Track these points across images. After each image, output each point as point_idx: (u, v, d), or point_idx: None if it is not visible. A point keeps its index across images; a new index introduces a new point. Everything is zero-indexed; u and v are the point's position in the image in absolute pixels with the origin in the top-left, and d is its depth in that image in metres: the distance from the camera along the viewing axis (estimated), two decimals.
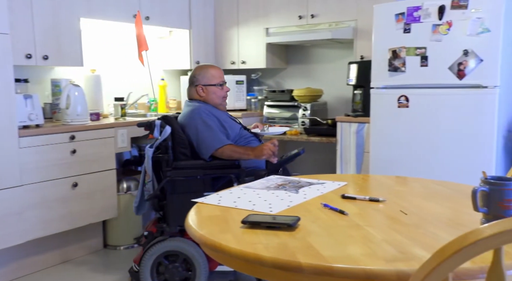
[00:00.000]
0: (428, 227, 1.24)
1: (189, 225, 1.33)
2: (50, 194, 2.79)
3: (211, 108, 2.53)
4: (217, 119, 2.48)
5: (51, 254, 2.94)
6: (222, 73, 2.62)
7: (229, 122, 2.54)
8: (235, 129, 2.54)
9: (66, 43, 3.07)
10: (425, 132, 2.80)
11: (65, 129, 2.85)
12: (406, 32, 2.80)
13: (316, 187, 1.72)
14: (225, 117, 2.56)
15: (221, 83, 2.58)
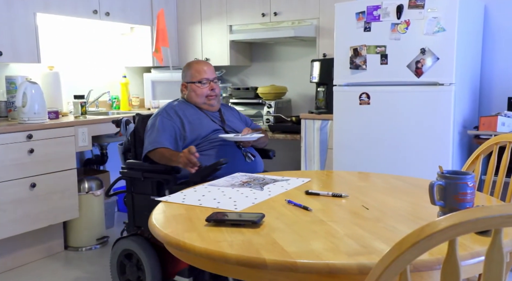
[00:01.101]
0: (389, 221, 1.28)
1: (153, 224, 1.31)
2: (6, 196, 2.68)
3: (186, 107, 2.38)
4: (179, 120, 2.31)
5: (8, 259, 2.83)
6: (207, 70, 2.42)
7: (198, 124, 2.31)
8: (202, 132, 2.29)
9: (22, 39, 2.96)
10: (385, 128, 2.87)
11: (22, 128, 2.75)
12: (366, 30, 2.86)
13: (281, 183, 1.73)
14: (196, 118, 2.34)
15: (201, 81, 2.39)
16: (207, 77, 2.41)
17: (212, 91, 2.40)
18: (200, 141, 2.27)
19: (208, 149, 2.26)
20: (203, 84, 2.40)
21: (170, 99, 2.62)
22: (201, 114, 2.39)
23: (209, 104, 2.42)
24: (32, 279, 2.70)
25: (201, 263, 1.18)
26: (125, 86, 4.02)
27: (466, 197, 1.20)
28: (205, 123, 2.34)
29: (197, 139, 2.27)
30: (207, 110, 2.41)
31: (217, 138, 2.27)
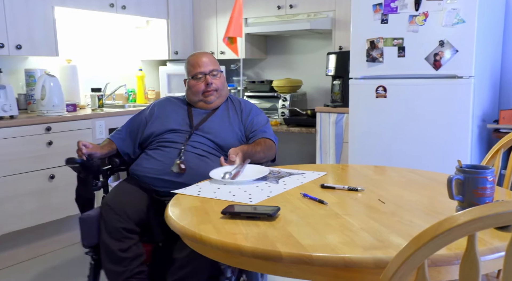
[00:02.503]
0: (405, 215, 1.27)
1: (169, 216, 1.32)
2: (26, 187, 2.73)
3: (171, 103, 2.17)
4: (150, 116, 2.12)
5: (26, 248, 2.89)
6: (203, 62, 2.10)
7: (161, 121, 2.07)
8: (157, 130, 2.04)
9: (40, 33, 3.00)
10: (402, 122, 2.84)
11: (41, 121, 2.79)
12: (383, 22, 2.82)
13: (296, 177, 1.73)
14: (167, 115, 2.10)
15: (195, 76, 2.10)
16: (201, 70, 2.09)
17: (208, 85, 2.08)
18: (152, 139, 2.04)
19: (153, 149, 2.01)
20: (199, 79, 2.09)
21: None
22: (180, 111, 2.11)
23: (205, 101, 2.10)
24: (51, 269, 2.76)
25: (216, 255, 1.18)
26: (141, 79, 4.05)
27: (486, 192, 1.18)
28: (171, 121, 2.07)
29: (150, 137, 2.05)
30: (202, 108, 2.11)
31: (169, 138, 2.00)
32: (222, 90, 2.14)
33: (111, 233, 1.80)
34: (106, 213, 1.83)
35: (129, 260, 1.79)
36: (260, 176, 1.65)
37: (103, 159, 2.08)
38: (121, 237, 1.80)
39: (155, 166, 1.93)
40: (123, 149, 2.12)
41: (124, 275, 1.78)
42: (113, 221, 1.80)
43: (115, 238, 1.79)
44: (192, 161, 1.90)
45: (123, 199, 1.88)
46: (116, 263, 1.79)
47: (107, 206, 1.84)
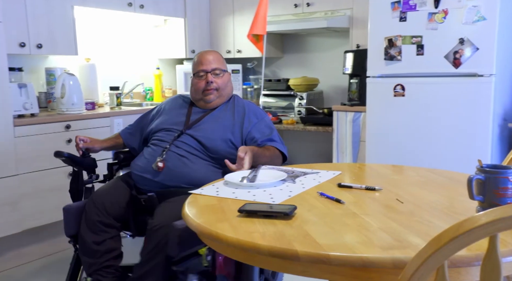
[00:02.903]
0: (424, 215, 1.25)
1: (186, 214, 1.33)
2: (46, 184, 2.78)
3: (178, 101, 2.17)
4: (157, 110, 2.16)
5: (47, 244, 2.94)
6: (206, 60, 2.05)
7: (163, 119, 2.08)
8: (155, 128, 2.06)
9: (60, 32, 3.04)
10: (421, 120, 2.80)
11: (61, 118, 2.84)
12: (402, 20, 2.79)
13: (312, 176, 1.72)
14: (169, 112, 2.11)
15: (197, 73, 2.07)
16: (203, 68, 2.04)
17: (208, 84, 2.02)
18: (150, 136, 2.07)
19: (147, 146, 2.03)
20: (200, 77, 2.05)
21: None
22: (182, 109, 2.10)
23: (205, 100, 2.05)
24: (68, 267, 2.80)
25: (233, 253, 1.19)
26: (158, 78, 4.08)
27: (507, 192, 1.15)
28: (169, 119, 2.07)
29: (149, 134, 2.08)
30: (201, 107, 2.08)
31: (160, 137, 2.00)
32: (224, 90, 2.07)
33: (88, 225, 1.86)
34: (88, 206, 1.90)
35: (100, 253, 1.84)
36: (281, 179, 1.63)
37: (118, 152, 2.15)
38: (98, 230, 1.85)
39: (140, 163, 1.96)
40: (129, 143, 2.17)
41: (93, 267, 1.83)
42: (92, 214, 1.87)
43: (92, 230, 1.86)
44: (171, 161, 1.90)
45: (105, 194, 1.94)
46: (88, 254, 1.85)
47: (90, 200, 1.92)
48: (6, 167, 2.58)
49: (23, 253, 2.81)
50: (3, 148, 2.56)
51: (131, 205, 1.92)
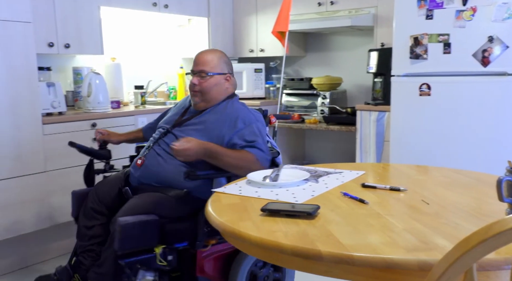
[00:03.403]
0: (450, 217, 1.23)
1: (209, 212, 1.34)
2: (72, 181, 2.84)
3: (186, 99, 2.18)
4: (170, 108, 2.26)
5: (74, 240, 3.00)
6: (198, 59, 2.03)
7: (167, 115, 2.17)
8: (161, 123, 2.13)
9: (87, 32, 3.10)
10: (447, 120, 2.75)
11: (87, 117, 2.90)
12: (428, 18, 2.74)
13: (335, 176, 1.71)
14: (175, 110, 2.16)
15: (188, 73, 2.13)
16: (193, 68, 2.03)
17: (192, 85, 2.00)
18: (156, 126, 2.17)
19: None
20: (191, 76, 2.04)
21: None
22: (181, 108, 2.12)
23: (192, 101, 2.05)
24: None
25: (256, 252, 1.19)
26: (182, 77, 4.12)
27: None
28: (168, 117, 2.12)
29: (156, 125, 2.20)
30: (193, 107, 2.06)
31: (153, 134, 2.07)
32: (207, 94, 2.00)
33: (84, 210, 2.04)
34: (89, 193, 2.07)
35: (87, 237, 1.98)
36: (304, 178, 1.62)
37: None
38: (89, 215, 2.01)
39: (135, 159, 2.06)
40: (147, 137, 2.27)
41: (80, 249, 2.00)
42: (89, 200, 2.04)
43: (85, 215, 2.02)
44: (149, 159, 1.95)
45: (104, 183, 2.09)
46: (78, 237, 2.04)
47: (93, 188, 2.10)
48: (35, 164, 2.65)
49: (51, 248, 2.88)
50: (32, 145, 2.63)
51: (120, 196, 2.01)
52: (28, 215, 2.64)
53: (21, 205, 2.60)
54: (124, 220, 1.72)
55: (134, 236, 1.72)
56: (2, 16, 2.46)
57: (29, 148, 2.61)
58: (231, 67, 2.09)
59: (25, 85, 2.58)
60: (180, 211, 1.86)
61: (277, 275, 2.11)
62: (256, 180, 1.62)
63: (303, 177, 1.64)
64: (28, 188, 2.62)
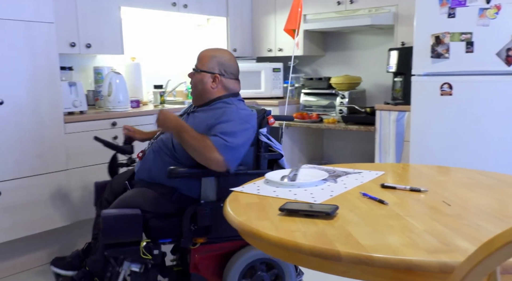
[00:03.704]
0: (472, 218, 1.20)
1: (227, 211, 1.35)
2: (93, 179, 2.88)
3: None
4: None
5: None
6: (198, 55, 2.11)
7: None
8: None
9: (108, 32, 3.15)
10: (469, 120, 2.70)
11: (107, 116, 2.94)
12: (450, 16, 2.69)
13: (354, 176, 1.69)
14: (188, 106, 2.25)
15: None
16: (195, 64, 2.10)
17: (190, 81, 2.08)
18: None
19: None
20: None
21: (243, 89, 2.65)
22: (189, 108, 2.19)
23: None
24: None
25: (274, 252, 1.19)
26: None
27: None
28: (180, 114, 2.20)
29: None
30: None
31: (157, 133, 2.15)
32: (193, 90, 2.05)
33: (100, 200, 2.22)
34: (107, 184, 2.25)
35: (98, 226, 2.10)
36: (322, 178, 1.62)
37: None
38: (102, 205, 2.16)
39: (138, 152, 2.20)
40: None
41: (92, 236, 2.25)
42: (105, 191, 2.22)
43: (100, 205, 2.20)
44: (146, 154, 2.07)
45: (120, 176, 2.24)
46: (93, 225, 2.27)
47: (111, 179, 2.27)
48: (58, 162, 2.70)
49: (74, 244, 2.93)
50: (54, 144, 2.68)
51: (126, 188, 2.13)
52: (51, 212, 2.69)
53: (44, 203, 2.65)
54: (107, 212, 1.82)
55: (115, 228, 1.80)
56: (26, 17, 2.52)
57: (51, 146, 2.66)
58: (226, 69, 2.04)
59: (48, 85, 2.64)
60: (166, 207, 1.91)
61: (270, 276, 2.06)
62: (274, 180, 1.62)
63: (322, 177, 1.63)
64: (51, 185, 2.68)
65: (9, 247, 2.64)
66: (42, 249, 2.79)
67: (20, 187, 2.55)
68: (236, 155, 1.85)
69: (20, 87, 2.52)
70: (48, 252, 2.82)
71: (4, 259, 2.63)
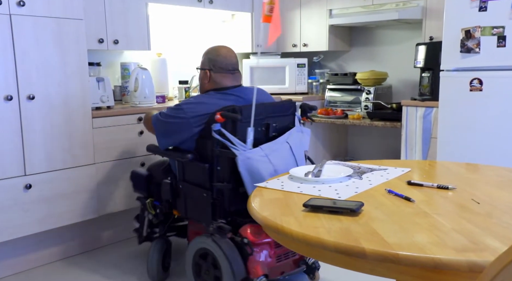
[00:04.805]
0: (503, 217, 1.17)
1: (251, 207, 1.35)
2: (120, 173, 2.94)
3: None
4: None
5: (121, 229, 3.11)
6: None
7: None
8: None
9: (135, 28, 3.19)
10: (500, 117, 2.62)
11: (134, 111, 2.98)
12: (482, 10, 2.62)
13: (379, 173, 1.67)
14: None
15: None
16: None
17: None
18: None
19: None
20: None
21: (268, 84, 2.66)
22: None
23: None
24: (138, 250, 2.95)
25: (298, 248, 1.19)
26: None
27: None
28: None
29: None
30: None
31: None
32: (199, 86, 2.36)
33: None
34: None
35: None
36: (347, 175, 1.61)
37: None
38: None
39: None
40: None
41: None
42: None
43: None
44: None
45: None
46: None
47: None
48: (86, 156, 2.76)
49: (100, 237, 3.00)
50: (83, 138, 2.74)
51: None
52: (79, 205, 2.76)
53: (73, 196, 2.72)
54: (134, 170, 2.63)
55: (134, 182, 2.59)
56: (56, 14, 2.57)
57: (79, 140, 2.73)
58: (215, 64, 2.26)
59: (77, 80, 2.69)
60: (162, 177, 2.36)
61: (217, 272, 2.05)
62: (298, 176, 1.61)
63: (346, 173, 1.62)
64: (79, 179, 2.74)
65: (38, 239, 2.72)
66: (71, 240, 2.87)
67: (51, 180, 2.62)
68: (160, 127, 2.21)
69: (50, 83, 2.58)
70: (76, 244, 2.89)
71: (33, 250, 2.71)
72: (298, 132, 2.20)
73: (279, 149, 2.05)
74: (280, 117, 2.17)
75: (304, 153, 2.19)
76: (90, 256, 2.87)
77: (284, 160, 2.04)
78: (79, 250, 2.91)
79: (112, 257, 2.85)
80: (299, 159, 2.13)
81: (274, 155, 2.01)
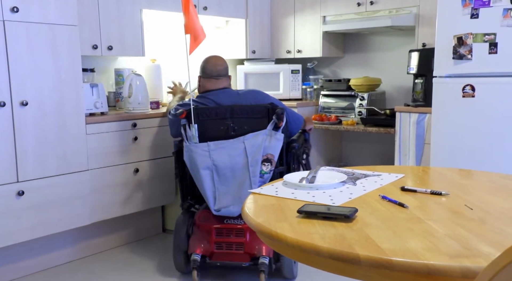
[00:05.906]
0: (496, 223, 1.18)
1: (245, 213, 1.35)
2: (113, 179, 2.93)
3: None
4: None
5: (113, 236, 3.09)
6: None
7: None
8: None
9: (129, 34, 3.19)
10: (492, 123, 2.64)
11: (128, 117, 2.98)
12: (473, 17, 2.64)
13: (373, 179, 1.68)
14: None
15: None
16: None
17: None
18: None
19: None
20: None
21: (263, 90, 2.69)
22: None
23: None
24: (133, 258, 2.93)
25: (292, 254, 1.18)
26: None
27: None
28: None
29: None
30: None
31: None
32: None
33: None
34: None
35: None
36: (341, 181, 1.62)
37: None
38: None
39: None
40: None
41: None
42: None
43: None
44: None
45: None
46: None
47: None
48: (79, 163, 2.75)
49: (92, 244, 2.98)
50: (76, 144, 2.72)
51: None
52: (73, 212, 2.74)
53: (66, 202, 2.70)
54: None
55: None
56: (50, 20, 2.57)
57: (73, 147, 2.71)
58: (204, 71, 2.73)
59: (71, 86, 2.69)
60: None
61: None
62: (292, 182, 1.62)
63: (340, 179, 1.62)
64: (72, 186, 2.72)
65: (29, 247, 2.69)
66: (65, 247, 2.84)
67: (44, 187, 2.60)
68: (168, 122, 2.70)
69: (44, 89, 2.57)
70: (72, 251, 2.87)
71: (24, 258, 2.68)
72: (263, 135, 2.35)
73: (228, 147, 2.34)
74: (248, 119, 2.42)
75: (267, 156, 2.34)
76: (83, 263, 2.85)
77: (231, 157, 2.33)
78: (72, 257, 2.89)
79: (105, 264, 2.83)
80: (253, 160, 2.31)
81: (219, 151, 2.33)
